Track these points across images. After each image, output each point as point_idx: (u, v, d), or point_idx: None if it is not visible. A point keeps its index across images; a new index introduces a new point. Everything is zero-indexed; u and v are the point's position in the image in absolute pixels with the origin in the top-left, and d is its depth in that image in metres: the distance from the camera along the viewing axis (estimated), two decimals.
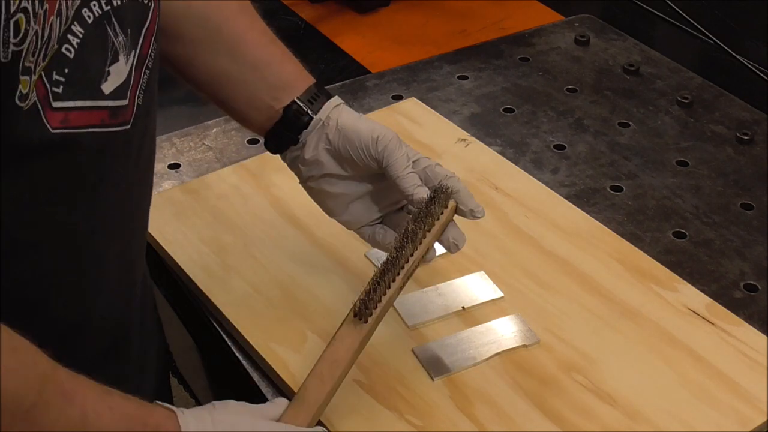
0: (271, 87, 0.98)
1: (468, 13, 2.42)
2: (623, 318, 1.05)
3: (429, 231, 0.93)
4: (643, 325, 1.05)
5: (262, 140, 1.32)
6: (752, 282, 1.12)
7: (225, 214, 1.17)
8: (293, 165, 1.01)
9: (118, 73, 0.78)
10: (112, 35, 0.76)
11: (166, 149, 1.29)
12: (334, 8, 2.57)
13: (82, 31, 0.73)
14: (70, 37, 0.72)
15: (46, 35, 0.69)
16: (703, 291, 1.09)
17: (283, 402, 0.87)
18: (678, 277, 1.11)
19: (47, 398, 0.71)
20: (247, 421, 0.83)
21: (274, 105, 0.98)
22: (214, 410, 0.82)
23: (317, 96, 0.99)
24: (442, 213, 0.93)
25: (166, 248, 1.12)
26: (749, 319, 1.06)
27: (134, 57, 0.80)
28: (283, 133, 0.99)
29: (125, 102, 0.79)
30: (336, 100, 0.99)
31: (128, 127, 0.80)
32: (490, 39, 1.58)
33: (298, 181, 1.02)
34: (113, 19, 0.76)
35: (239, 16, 0.99)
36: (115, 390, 0.77)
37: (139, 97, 0.82)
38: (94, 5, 0.74)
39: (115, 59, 0.77)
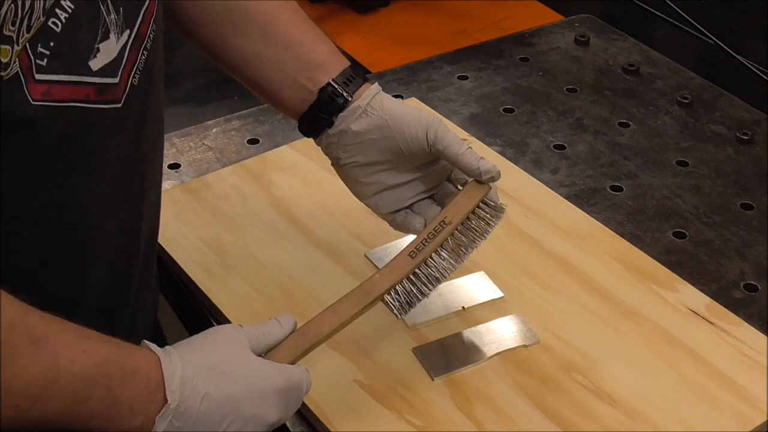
0: (306, 67, 0.97)
1: (468, 13, 2.42)
2: (623, 318, 1.05)
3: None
4: (643, 325, 1.05)
5: (263, 140, 1.33)
6: (752, 282, 1.12)
7: (225, 214, 1.17)
8: (329, 149, 0.99)
9: (107, 51, 0.78)
10: (104, 12, 0.77)
11: (167, 149, 1.29)
12: (334, 8, 2.57)
13: (72, 6, 0.74)
14: (58, 11, 0.73)
15: (27, 6, 0.70)
16: (703, 291, 1.09)
17: (288, 321, 0.88)
18: (678, 277, 1.11)
19: (14, 344, 0.70)
20: (237, 358, 0.82)
21: (308, 86, 0.97)
22: (203, 345, 0.82)
23: (353, 78, 0.97)
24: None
25: (166, 248, 1.12)
26: (749, 319, 1.06)
27: (130, 36, 0.80)
28: (317, 116, 0.97)
29: (115, 80, 0.79)
30: (376, 87, 0.98)
31: (119, 105, 0.80)
32: (490, 39, 1.58)
33: (330, 163, 1.01)
34: None
35: None
36: (95, 333, 0.76)
37: (134, 77, 0.82)
38: None
39: (106, 36, 0.78)
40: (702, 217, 1.22)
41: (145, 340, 0.81)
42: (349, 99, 0.96)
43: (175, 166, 1.26)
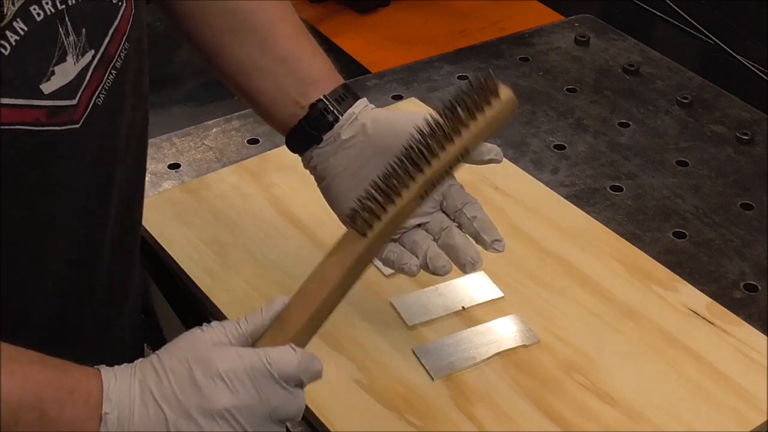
0: (299, 82, 0.96)
1: (468, 13, 2.42)
2: (623, 318, 1.05)
3: (464, 127, 0.77)
4: (643, 325, 1.05)
5: (263, 140, 1.33)
6: (752, 282, 1.12)
7: (225, 214, 1.17)
8: (315, 165, 0.97)
9: (63, 73, 0.76)
10: (62, 34, 0.75)
11: (166, 149, 1.29)
12: (334, 8, 2.57)
13: (25, 29, 0.72)
14: (9, 33, 0.71)
15: None
16: (703, 291, 1.09)
17: (272, 306, 0.78)
18: (678, 277, 1.11)
19: None
20: (182, 355, 0.75)
21: (300, 101, 0.96)
22: (164, 348, 0.76)
23: (345, 96, 0.96)
24: (486, 106, 0.77)
25: (166, 248, 1.12)
26: (749, 319, 1.06)
27: (94, 57, 0.79)
28: (306, 131, 0.96)
29: (73, 102, 0.78)
30: (365, 101, 0.96)
31: (76, 126, 0.79)
32: (490, 39, 1.58)
33: (316, 184, 0.98)
34: (66, 18, 0.75)
35: (271, 8, 0.97)
36: (26, 353, 0.72)
37: (99, 97, 0.80)
38: (47, 3, 0.73)
39: (63, 59, 0.76)
40: (702, 217, 1.22)
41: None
42: (340, 117, 0.95)
43: (175, 166, 1.26)
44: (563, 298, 1.07)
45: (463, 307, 1.05)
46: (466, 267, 0.91)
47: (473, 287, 1.08)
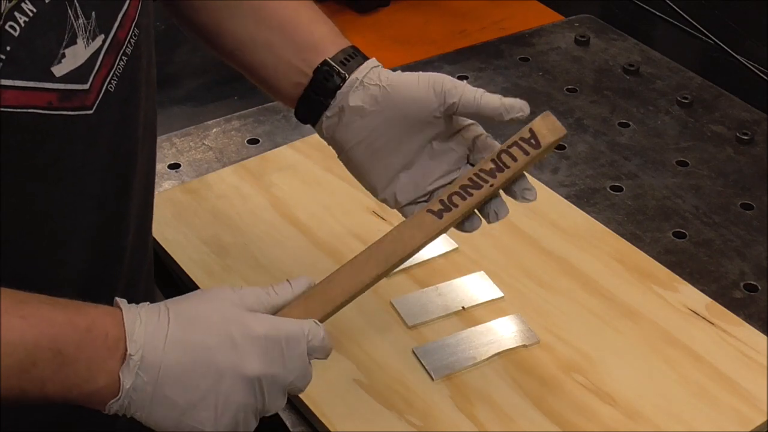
0: (300, 48, 0.91)
1: (468, 13, 2.42)
2: (623, 318, 1.05)
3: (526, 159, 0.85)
4: (643, 325, 1.05)
5: (263, 140, 1.33)
6: (752, 282, 1.12)
7: (225, 214, 1.17)
8: (331, 135, 0.92)
9: (74, 56, 0.76)
10: (71, 16, 0.75)
11: (166, 149, 1.29)
12: (334, 8, 2.57)
13: (34, 10, 0.72)
14: (17, 14, 0.71)
15: None
16: (703, 291, 1.09)
17: (300, 282, 0.81)
18: (678, 277, 1.11)
19: None
20: (213, 307, 0.75)
21: (303, 68, 0.91)
22: (186, 298, 0.76)
23: (352, 56, 0.91)
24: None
25: (166, 248, 1.12)
26: (749, 319, 1.06)
27: (105, 41, 0.78)
28: (312, 98, 0.91)
29: (85, 86, 0.77)
30: (374, 61, 0.91)
31: (90, 112, 0.78)
32: (490, 39, 1.58)
33: (336, 155, 0.94)
34: (75, 0, 0.75)
35: None
36: (36, 296, 0.72)
37: (110, 83, 0.80)
38: None
39: (73, 42, 0.75)
40: (702, 217, 1.22)
41: (117, 298, 0.76)
42: (347, 77, 0.89)
43: (175, 166, 1.26)
44: (563, 298, 1.07)
45: (463, 307, 1.05)
46: (489, 216, 0.88)
47: (473, 287, 1.08)
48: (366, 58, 0.91)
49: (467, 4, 2.54)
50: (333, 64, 0.90)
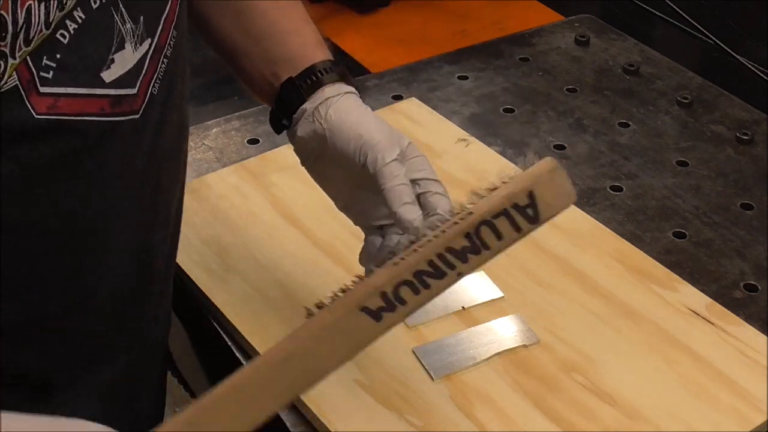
0: (272, 61, 0.91)
1: (468, 13, 2.42)
2: (623, 318, 1.05)
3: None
4: (643, 325, 1.05)
5: (263, 140, 1.33)
6: (752, 282, 1.12)
7: (225, 214, 1.17)
8: (294, 148, 0.93)
9: (123, 61, 0.76)
10: (119, 22, 0.75)
11: None
12: (334, 8, 2.57)
13: (83, 17, 0.72)
14: (68, 22, 0.71)
15: (22, 20, 0.67)
16: (703, 291, 1.09)
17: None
18: (678, 277, 1.11)
19: None
20: None
21: (273, 82, 0.91)
22: None
23: (321, 73, 0.89)
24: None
25: None
26: (749, 319, 1.06)
27: (150, 46, 0.79)
28: (276, 115, 0.92)
29: (133, 91, 0.78)
30: (334, 89, 0.89)
31: (137, 116, 0.79)
32: (490, 39, 1.58)
33: (300, 162, 0.94)
34: (120, 5, 0.75)
35: None
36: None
37: (154, 86, 0.80)
38: None
39: (121, 47, 0.76)
40: (702, 217, 1.22)
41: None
42: (305, 100, 0.88)
43: None
44: (563, 298, 1.07)
45: (463, 307, 1.05)
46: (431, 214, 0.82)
47: (473, 287, 1.08)
48: (334, 78, 0.89)
49: (467, 4, 2.54)
50: (296, 83, 0.89)
